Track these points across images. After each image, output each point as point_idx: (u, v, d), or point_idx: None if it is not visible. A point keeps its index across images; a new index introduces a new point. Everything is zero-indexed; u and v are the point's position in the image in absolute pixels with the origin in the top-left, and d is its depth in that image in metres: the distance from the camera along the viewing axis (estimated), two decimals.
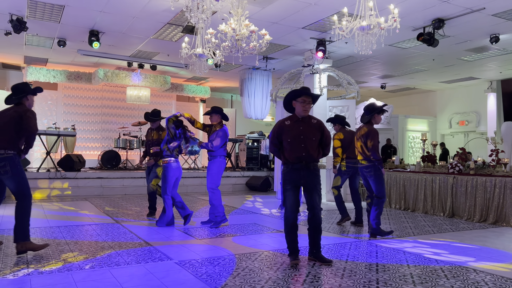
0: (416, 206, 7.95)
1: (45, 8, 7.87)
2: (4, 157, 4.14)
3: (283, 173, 4.20)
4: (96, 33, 9.25)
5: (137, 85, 13.42)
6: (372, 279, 3.58)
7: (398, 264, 4.10)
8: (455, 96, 15.83)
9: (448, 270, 3.92)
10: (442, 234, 5.79)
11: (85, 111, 14.41)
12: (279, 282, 3.47)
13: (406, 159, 15.10)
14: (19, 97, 4.38)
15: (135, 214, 7.11)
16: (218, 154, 6.01)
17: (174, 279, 3.51)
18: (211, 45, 6.71)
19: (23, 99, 4.40)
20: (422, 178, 7.88)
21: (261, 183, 11.43)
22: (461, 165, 7.34)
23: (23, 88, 4.43)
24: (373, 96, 16.30)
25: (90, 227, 5.87)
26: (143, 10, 7.93)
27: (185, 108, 16.34)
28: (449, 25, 8.24)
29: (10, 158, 4.17)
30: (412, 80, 14.30)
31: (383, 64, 11.94)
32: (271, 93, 10.73)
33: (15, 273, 3.59)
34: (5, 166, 4.13)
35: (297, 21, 8.44)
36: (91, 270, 3.74)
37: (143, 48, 10.76)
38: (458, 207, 7.23)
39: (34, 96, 4.50)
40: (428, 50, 10.16)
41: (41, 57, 11.85)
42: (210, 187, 5.98)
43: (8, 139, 4.18)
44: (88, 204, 8.31)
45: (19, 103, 4.38)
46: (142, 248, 4.62)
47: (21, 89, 4.42)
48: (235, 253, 4.42)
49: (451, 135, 16.15)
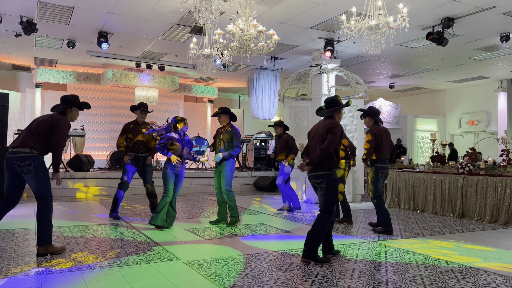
0: (426, 206, 7.89)
1: (55, 9, 7.94)
2: (29, 155, 4.13)
3: (335, 177, 4.26)
4: (105, 34, 9.32)
5: (145, 85, 13.49)
6: (382, 280, 3.56)
7: (408, 265, 4.07)
8: (465, 95, 15.69)
9: (459, 271, 3.88)
10: (452, 235, 5.74)
11: (94, 112, 14.52)
12: (288, 282, 3.46)
13: (415, 159, 15.00)
14: (64, 107, 4.45)
15: (143, 214, 7.14)
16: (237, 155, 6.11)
17: (183, 279, 3.52)
18: (219, 45, 6.72)
19: (67, 110, 4.46)
20: (431, 179, 7.82)
21: (268, 184, 11.41)
22: (471, 165, 7.27)
23: (70, 99, 4.51)
24: (381, 96, 16.22)
25: (99, 227, 5.91)
26: (151, 11, 7.97)
27: (193, 108, 16.39)
28: (459, 24, 8.16)
29: (35, 157, 4.15)
30: (421, 80, 14.20)
31: (392, 63, 11.87)
32: (278, 93, 10.71)
33: (26, 273, 3.63)
34: (29, 165, 4.12)
35: (305, 21, 8.43)
36: (100, 269, 3.77)
37: (151, 49, 10.82)
38: (468, 208, 7.16)
39: (79, 109, 4.56)
40: (437, 50, 10.08)
41: (51, 58, 11.97)
42: (226, 189, 6.04)
43: (36, 140, 4.18)
44: (97, 204, 8.37)
45: (61, 112, 4.44)
46: (151, 248, 4.64)
47: (68, 100, 4.49)
48: (244, 253, 4.42)
49: (461, 135, 16.01)
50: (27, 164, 4.11)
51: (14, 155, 4.12)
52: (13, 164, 4.11)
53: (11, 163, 4.13)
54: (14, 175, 4.18)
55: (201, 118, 16.45)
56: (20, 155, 4.11)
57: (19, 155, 4.11)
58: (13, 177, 4.19)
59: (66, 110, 4.45)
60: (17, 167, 4.11)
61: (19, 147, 4.14)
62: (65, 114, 4.45)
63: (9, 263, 3.90)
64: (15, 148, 4.15)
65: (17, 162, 4.10)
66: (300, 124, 10.84)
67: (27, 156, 4.12)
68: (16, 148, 4.14)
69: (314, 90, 10.25)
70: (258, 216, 7.13)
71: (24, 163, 4.10)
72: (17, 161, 4.10)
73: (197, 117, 16.25)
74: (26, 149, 4.14)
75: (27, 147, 4.14)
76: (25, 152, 4.12)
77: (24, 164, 4.11)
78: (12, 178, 4.19)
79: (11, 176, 4.19)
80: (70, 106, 4.46)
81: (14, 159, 4.11)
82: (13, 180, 4.20)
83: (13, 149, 4.15)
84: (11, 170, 4.16)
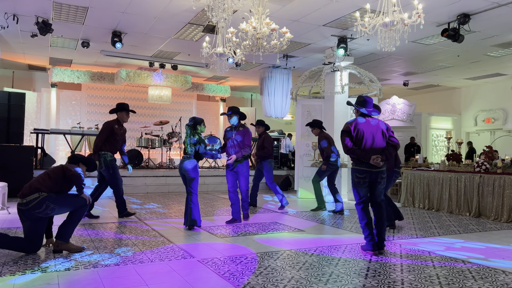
0: (441, 205, 7.78)
1: (70, 10, 8.03)
2: (42, 198, 4.13)
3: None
4: (119, 33, 9.40)
5: (158, 85, 13.58)
6: (397, 280, 3.52)
7: (424, 265, 4.01)
8: (481, 93, 15.42)
9: (476, 271, 3.81)
10: (469, 234, 5.65)
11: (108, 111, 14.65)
12: (302, 281, 3.44)
13: (429, 157, 14.81)
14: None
15: (157, 212, 7.19)
16: (248, 155, 6.18)
17: (197, 277, 3.53)
18: (231, 44, 6.72)
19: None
20: (447, 177, 7.71)
21: (281, 182, 11.40)
22: (487, 163, 7.14)
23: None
24: (395, 94, 16.05)
25: (114, 224, 5.96)
26: (164, 10, 8.01)
27: (206, 107, 16.44)
28: (475, 20, 8.02)
29: (47, 197, 4.15)
30: (436, 77, 14.00)
31: (406, 61, 11.73)
32: (291, 92, 10.68)
33: (43, 270, 3.68)
34: (47, 206, 4.14)
35: (318, 19, 8.37)
36: (115, 267, 3.80)
37: (164, 48, 10.87)
38: (484, 207, 7.04)
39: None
40: (453, 46, 9.92)
41: (66, 58, 12.12)
42: (246, 188, 6.23)
43: (42, 183, 4.21)
44: (112, 202, 8.46)
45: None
46: (165, 246, 4.67)
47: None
48: (257, 252, 4.42)
49: (477, 133, 15.75)
50: (45, 207, 4.12)
51: (28, 206, 4.08)
52: (31, 214, 4.10)
53: (28, 213, 4.10)
54: (34, 222, 4.18)
55: (214, 117, 16.50)
56: (34, 204, 4.09)
57: (33, 204, 4.09)
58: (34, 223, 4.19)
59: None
60: (38, 214, 4.12)
61: (28, 195, 4.11)
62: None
63: (26, 260, 3.97)
64: (25, 198, 4.11)
65: (35, 211, 4.10)
66: None
67: (40, 200, 4.10)
68: (26, 197, 4.11)
69: (327, 88, 10.19)
70: (271, 215, 7.12)
71: (41, 207, 4.11)
72: (34, 210, 4.10)
73: (209, 116, 16.29)
74: (35, 194, 4.11)
75: (36, 192, 4.12)
76: (36, 197, 4.10)
77: (43, 208, 4.11)
78: (32, 224, 4.19)
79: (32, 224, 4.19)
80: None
81: (30, 209, 4.08)
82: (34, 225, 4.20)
83: (23, 200, 4.11)
84: (31, 219, 4.14)
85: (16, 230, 5.39)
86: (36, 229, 4.16)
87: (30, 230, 4.15)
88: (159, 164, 13.03)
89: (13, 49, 11.07)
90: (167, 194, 10.01)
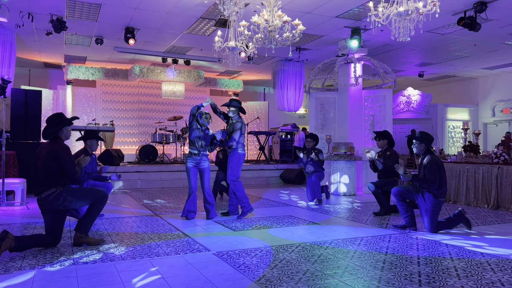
0: (458, 197, 7.67)
1: (83, 7, 8.11)
2: (58, 193, 4.17)
3: None
4: (132, 30, 9.46)
5: (171, 80, 13.64)
6: (414, 272, 3.48)
7: (441, 257, 3.96)
8: (499, 82, 15.09)
9: (495, 263, 3.75)
10: (487, 226, 5.55)
11: (123, 107, 14.82)
12: (317, 274, 3.43)
13: (446, 149, 14.58)
14: (54, 130, 4.26)
15: (172, 206, 7.25)
16: (237, 146, 6.05)
17: (213, 270, 3.55)
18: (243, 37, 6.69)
19: (59, 132, 4.29)
20: (464, 169, 7.58)
21: (295, 176, 11.37)
22: (506, 154, 7.00)
23: (59, 120, 4.30)
24: (410, 85, 15.82)
25: (130, 219, 6.04)
26: (176, 5, 8.02)
27: (219, 102, 16.45)
28: (492, 7, 7.83)
29: (64, 190, 4.21)
30: (452, 68, 13.75)
31: (421, 51, 11.54)
32: (304, 85, 10.61)
33: (62, 263, 3.74)
34: (65, 199, 4.19)
35: (330, 10, 8.28)
36: (132, 260, 3.85)
37: (177, 44, 10.90)
38: (503, 199, 6.91)
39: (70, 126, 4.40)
40: (470, 35, 9.72)
41: (80, 55, 12.26)
42: (231, 179, 6.04)
43: (51, 178, 4.19)
44: (128, 197, 8.56)
45: (55, 137, 4.30)
46: (181, 239, 4.70)
47: (56, 122, 4.28)
48: (272, 245, 4.42)
49: (495, 124, 15.44)
50: (63, 199, 4.18)
51: (48, 200, 4.14)
52: (51, 207, 4.17)
53: (48, 206, 4.17)
54: (55, 215, 4.24)
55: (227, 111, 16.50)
56: (52, 197, 4.14)
57: (52, 197, 4.14)
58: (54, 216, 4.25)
59: (58, 132, 4.28)
60: (58, 207, 4.18)
61: (45, 192, 4.14)
62: (59, 136, 4.30)
63: (45, 254, 4.04)
64: (42, 194, 4.15)
65: (54, 204, 4.16)
66: (327, 115, 10.72)
67: (57, 194, 4.16)
68: (43, 193, 4.15)
69: (341, 81, 10.10)
70: (285, 208, 7.12)
71: (60, 200, 4.17)
72: (54, 203, 4.15)
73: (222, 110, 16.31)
74: (52, 189, 4.16)
75: (52, 187, 4.16)
76: (53, 191, 4.15)
77: (61, 201, 4.17)
78: (53, 218, 4.25)
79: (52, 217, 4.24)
80: (61, 128, 4.27)
81: (49, 202, 4.14)
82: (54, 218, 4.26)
83: (41, 196, 4.16)
84: (52, 211, 4.20)
85: (35, 225, 5.50)
86: (56, 222, 4.24)
87: (50, 222, 4.23)
88: (174, 159, 13.13)
89: (29, 48, 11.24)
90: (182, 189, 10.08)
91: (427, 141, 5.15)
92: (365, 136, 10.29)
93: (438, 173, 4.97)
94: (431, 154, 5.13)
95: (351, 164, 9.00)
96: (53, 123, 4.25)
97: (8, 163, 7.88)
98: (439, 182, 4.97)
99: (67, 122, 4.32)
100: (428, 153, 5.16)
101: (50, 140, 4.28)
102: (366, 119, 10.27)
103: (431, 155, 5.12)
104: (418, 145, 5.22)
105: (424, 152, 5.20)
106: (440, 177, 4.98)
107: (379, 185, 6.48)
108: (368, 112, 10.22)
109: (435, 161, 5.03)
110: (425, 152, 5.19)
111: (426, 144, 5.16)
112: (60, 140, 4.30)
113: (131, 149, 14.43)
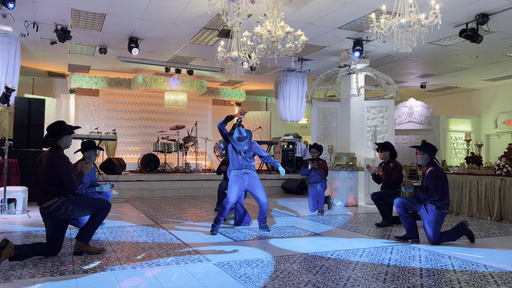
0: (461, 209, 7.62)
1: (88, 17, 8.19)
2: (61, 202, 4.16)
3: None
4: (135, 39, 9.54)
5: (174, 90, 13.71)
6: (416, 284, 3.45)
7: (444, 269, 3.93)
8: (501, 94, 15.10)
9: (498, 276, 3.71)
10: (490, 238, 5.51)
11: (125, 116, 14.87)
12: (319, 285, 3.40)
13: (448, 160, 14.55)
14: (55, 139, 4.23)
15: (174, 216, 7.23)
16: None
17: (213, 280, 3.53)
18: (246, 47, 6.74)
19: (59, 141, 4.25)
20: (466, 180, 7.55)
21: (297, 186, 11.33)
22: (509, 166, 6.97)
23: (60, 129, 4.26)
24: (412, 96, 15.84)
25: (131, 228, 6.02)
26: (180, 16, 8.09)
27: (221, 112, 16.51)
28: (494, 20, 7.87)
29: (66, 200, 4.20)
30: (454, 79, 13.78)
31: (423, 62, 11.58)
32: (306, 95, 10.64)
33: (62, 272, 3.72)
34: (67, 208, 4.18)
35: (333, 21, 8.34)
36: (133, 270, 3.82)
37: (180, 53, 10.98)
38: (506, 211, 6.86)
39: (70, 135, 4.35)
40: (471, 47, 9.76)
41: (84, 64, 12.35)
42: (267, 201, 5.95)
43: (52, 187, 4.18)
44: (129, 206, 8.54)
45: (54, 146, 4.26)
46: (182, 249, 4.68)
47: (57, 131, 4.24)
48: (273, 255, 4.39)
49: (497, 135, 15.41)
50: (65, 209, 4.17)
51: (50, 209, 4.14)
52: (53, 216, 4.17)
53: (50, 216, 4.17)
54: (56, 223, 4.24)
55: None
56: (54, 207, 4.14)
57: (54, 207, 4.14)
58: (56, 225, 4.25)
59: (58, 141, 4.23)
60: (60, 216, 4.18)
61: (47, 201, 4.14)
62: (58, 145, 4.26)
63: (45, 262, 4.02)
64: (44, 204, 4.15)
65: (56, 214, 4.16)
66: (329, 125, 10.73)
67: (59, 204, 4.15)
68: (45, 203, 4.14)
69: (343, 91, 10.12)
70: (287, 219, 7.08)
71: (62, 210, 4.16)
72: (56, 212, 4.15)
73: None
74: (54, 199, 4.15)
75: (54, 197, 4.15)
76: (55, 201, 4.15)
77: (63, 211, 4.17)
78: (55, 227, 4.25)
79: (53, 225, 4.23)
80: (61, 137, 4.22)
81: (52, 212, 4.14)
82: (56, 227, 4.26)
83: (43, 205, 4.16)
84: (54, 220, 4.21)
85: (36, 233, 5.49)
86: (57, 230, 4.23)
87: (51, 231, 4.22)
88: (176, 168, 13.13)
89: (34, 57, 11.33)
90: (184, 198, 10.06)
91: (430, 151, 5.14)
92: (367, 146, 10.28)
93: (440, 184, 4.94)
94: (434, 165, 5.11)
95: (353, 175, 8.98)
96: (54, 131, 4.22)
97: (10, 171, 7.89)
98: (441, 193, 4.94)
99: (68, 131, 4.27)
100: (431, 164, 5.14)
101: (50, 150, 4.26)
102: (368, 129, 10.26)
103: (434, 166, 5.10)
104: (422, 156, 5.19)
105: (427, 163, 5.18)
106: (442, 188, 4.95)
107: (382, 196, 6.46)
108: (370, 123, 10.23)
109: (438, 172, 5.01)
110: (429, 163, 5.17)
111: (429, 154, 5.14)
112: (59, 150, 4.26)
113: (133, 158, 14.45)
